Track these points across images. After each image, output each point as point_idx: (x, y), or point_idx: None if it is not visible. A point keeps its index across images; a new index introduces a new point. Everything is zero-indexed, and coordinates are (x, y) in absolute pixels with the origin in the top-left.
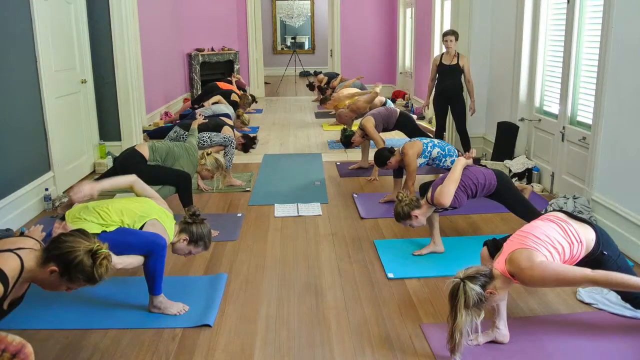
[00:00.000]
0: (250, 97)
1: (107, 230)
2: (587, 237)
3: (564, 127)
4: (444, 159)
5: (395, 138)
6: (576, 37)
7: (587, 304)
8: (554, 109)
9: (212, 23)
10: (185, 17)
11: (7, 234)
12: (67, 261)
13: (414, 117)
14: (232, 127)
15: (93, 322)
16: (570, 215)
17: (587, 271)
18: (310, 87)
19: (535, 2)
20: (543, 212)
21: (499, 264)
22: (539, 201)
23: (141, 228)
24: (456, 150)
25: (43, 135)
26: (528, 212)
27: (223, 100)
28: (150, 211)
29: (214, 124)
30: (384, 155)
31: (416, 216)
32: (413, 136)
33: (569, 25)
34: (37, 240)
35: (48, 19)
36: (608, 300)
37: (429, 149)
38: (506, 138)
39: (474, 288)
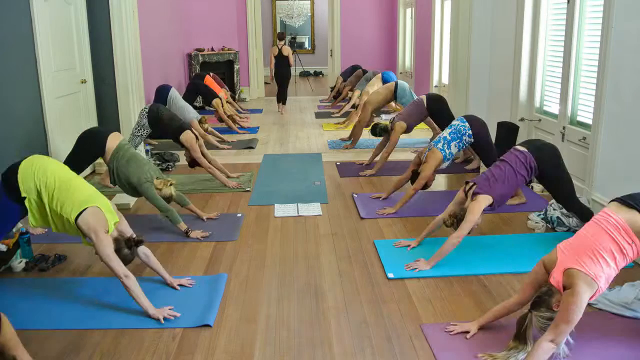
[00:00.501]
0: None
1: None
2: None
3: (564, 127)
4: (463, 142)
5: (414, 138)
6: (576, 37)
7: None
8: (554, 109)
9: (212, 23)
10: (185, 17)
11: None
12: None
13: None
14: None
15: (93, 322)
16: (625, 203)
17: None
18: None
19: (535, 2)
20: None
21: (556, 278)
22: (539, 201)
23: (80, 213)
24: (465, 122)
25: (43, 135)
26: (574, 205)
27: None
28: (96, 198)
29: (177, 126)
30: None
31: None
32: (444, 122)
33: (569, 25)
34: None
35: (48, 19)
36: (608, 301)
37: (446, 150)
38: (506, 138)
39: (540, 315)
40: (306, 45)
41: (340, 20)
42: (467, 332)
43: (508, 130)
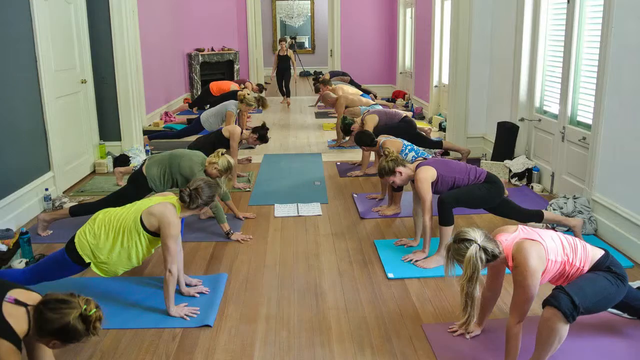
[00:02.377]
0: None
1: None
2: (594, 252)
3: (564, 127)
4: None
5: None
6: (576, 37)
7: None
8: (554, 109)
9: (212, 23)
10: (185, 17)
11: (7, 234)
12: (63, 334)
13: (429, 129)
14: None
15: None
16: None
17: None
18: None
19: (535, 2)
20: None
21: (507, 246)
22: (539, 201)
23: (140, 218)
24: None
25: (43, 135)
26: (520, 214)
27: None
28: (147, 201)
29: (214, 137)
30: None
31: (400, 172)
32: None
33: (569, 25)
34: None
35: (48, 19)
36: None
37: (406, 151)
38: (506, 138)
39: (482, 258)
40: (306, 45)
41: (340, 20)
42: (471, 332)
43: (508, 130)
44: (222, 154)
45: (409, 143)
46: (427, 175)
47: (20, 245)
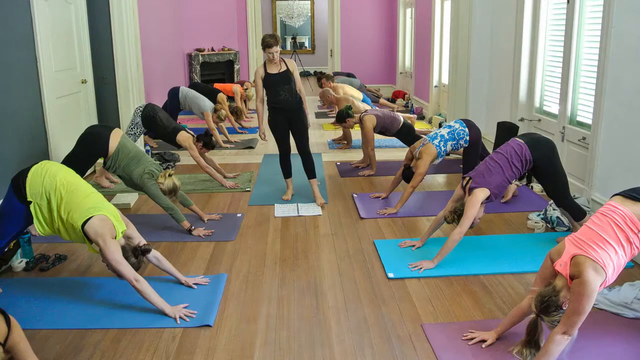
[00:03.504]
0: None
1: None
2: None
3: (564, 127)
4: (459, 145)
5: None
6: (576, 37)
7: None
8: (554, 109)
9: (212, 23)
10: (185, 17)
11: None
12: None
13: (414, 117)
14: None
15: (93, 322)
16: (629, 196)
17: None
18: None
19: (535, 2)
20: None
21: (563, 267)
22: (539, 201)
23: (87, 221)
24: (465, 127)
25: (43, 135)
26: (566, 201)
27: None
28: (104, 206)
29: (172, 128)
30: (410, 174)
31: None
32: (409, 144)
33: (569, 25)
34: None
35: (48, 19)
36: (609, 301)
37: (442, 148)
38: (506, 138)
39: (554, 319)
40: (306, 45)
41: (340, 20)
42: (484, 340)
43: (508, 130)
44: (170, 175)
45: (439, 138)
46: (481, 197)
47: (20, 245)
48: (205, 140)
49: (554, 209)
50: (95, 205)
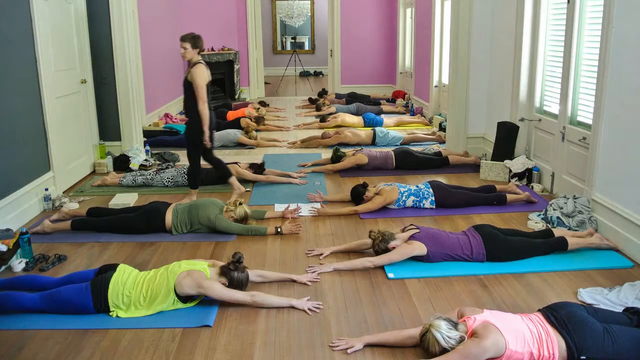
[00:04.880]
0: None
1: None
2: (560, 346)
3: (564, 127)
4: (422, 202)
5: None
6: (576, 37)
7: (588, 304)
8: (554, 109)
9: (212, 23)
10: (185, 17)
11: (7, 234)
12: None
13: (414, 118)
14: None
15: (93, 322)
16: (549, 318)
17: None
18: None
19: (535, 2)
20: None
21: (472, 319)
22: (539, 201)
23: (174, 288)
24: (429, 188)
25: (43, 135)
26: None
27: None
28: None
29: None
30: (358, 191)
31: (394, 247)
32: (416, 170)
33: (569, 25)
34: None
35: (48, 19)
36: (609, 301)
37: (403, 198)
38: (506, 138)
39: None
40: (306, 45)
41: (340, 20)
42: (351, 347)
43: (508, 130)
44: (240, 204)
45: (406, 188)
46: (413, 251)
47: (20, 245)
48: (255, 167)
49: (554, 209)
50: (171, 272)
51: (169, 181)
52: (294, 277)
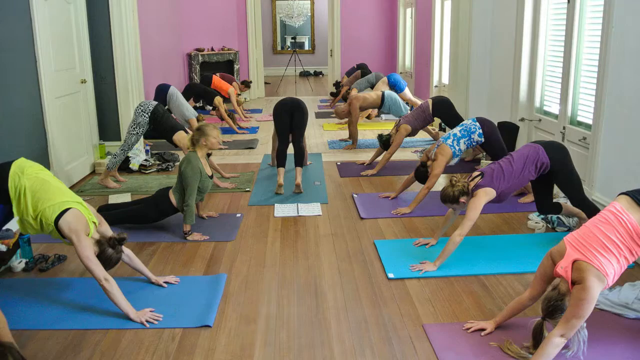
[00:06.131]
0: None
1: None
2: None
3: (564, 127)
4: (473, 140)
5: (417, 138)
6: (576, 37)
7: None
8: (554, 109)
9: (212, 23)
10: (185, 17)
11: (7, 234)
12: None
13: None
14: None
15: (93, 322)
16: (637, 200)
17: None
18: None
19: (535, 1)
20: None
21: (564, 271)
22: None
23: (61, 214)
24: (476, 122)
25: (43, 135)
26: (583, 200)
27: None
28: (75, 199)
29: (170, 126)
30: (421, 172)
31: (464, 202)
32: (451, 124)
33: (569, 25)
34: None
35: (48, 19)
36: (609, 301)
37: (456, 147)
38: (506, 138)
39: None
40: (306, 45)
41: (340, 20)
42: (484, 329)
43: (508, 130)
44: (192, 136)
45: (450, 137)
46: (484, 200)
47: (20, 246)
48: None
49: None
50: (67, 200)
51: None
52: (152, 277)
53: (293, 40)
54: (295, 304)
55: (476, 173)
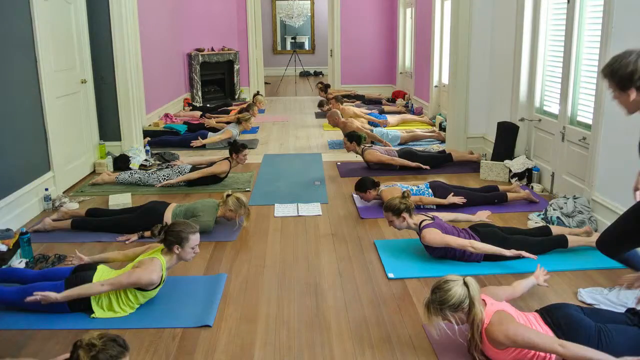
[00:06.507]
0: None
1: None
2: None
3: (564, 127)
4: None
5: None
6: (576, 37)
7: (588, 304)
8: (554, 109)
9: (212, 23)
10: (185, 17)
11: (7, 234)
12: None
13: (417, 116)
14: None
15: (93, 322)
16: (545, 319)
17: (556, 345)
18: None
19: (535, 2)
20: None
21: (488, 310)
22: (540, 201)
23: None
24: (428, 189)
25: (43, 135)
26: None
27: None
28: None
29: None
30: (364, 183)
31: (404, 218)
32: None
33: (569, 25)
34: None
35: (48, 19)
36: (609, 301)
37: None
38: (506, 138)
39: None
40: (306, 45)
41: (340, 20)
42: None
43: (508, 130)
44: (228, 196)
45: (407, 188)
46: (435, 235)
47: (20, 246)
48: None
49: (554, 209)
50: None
51: (164, 179)
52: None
53: (293, 41)
54: (295, 304)
55: (430, 215)
